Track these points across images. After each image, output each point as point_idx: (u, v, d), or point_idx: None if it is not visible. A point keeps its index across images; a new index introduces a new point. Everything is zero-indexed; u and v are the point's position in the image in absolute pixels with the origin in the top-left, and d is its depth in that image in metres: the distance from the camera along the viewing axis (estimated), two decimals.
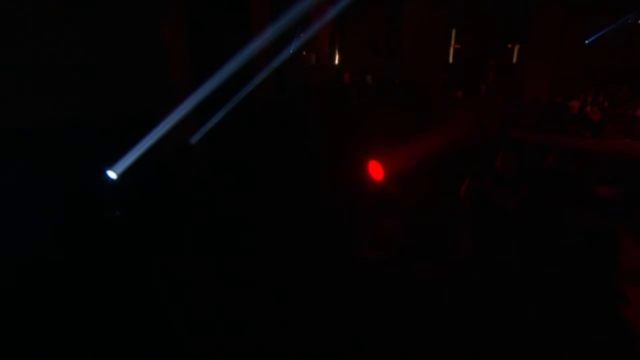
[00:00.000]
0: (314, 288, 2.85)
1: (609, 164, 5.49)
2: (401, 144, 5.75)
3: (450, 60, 11.57)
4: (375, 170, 4.22)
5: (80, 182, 3.39)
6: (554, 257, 2.91)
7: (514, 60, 11.11)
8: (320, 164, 6.33)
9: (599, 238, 3.14)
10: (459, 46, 11.53)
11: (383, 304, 2.69)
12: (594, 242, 3.09)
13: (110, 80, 4.21)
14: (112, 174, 3.42)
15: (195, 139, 5.59)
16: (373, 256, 3.39)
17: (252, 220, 3.82)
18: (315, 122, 10.46)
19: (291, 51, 9.27)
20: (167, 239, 3.35)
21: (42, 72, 3.50)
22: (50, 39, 3.53)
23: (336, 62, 11.84)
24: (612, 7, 9.91)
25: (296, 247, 3.29)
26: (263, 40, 7.91)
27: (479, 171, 3.09)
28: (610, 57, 10.10)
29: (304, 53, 10.31)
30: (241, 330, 2.44)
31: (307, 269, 3.07)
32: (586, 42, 10.43)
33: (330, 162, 6.16)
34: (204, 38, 6.42)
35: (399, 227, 3.83)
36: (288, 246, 3.31)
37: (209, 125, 6.07)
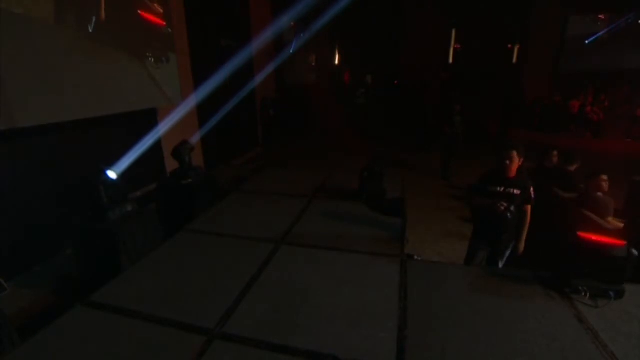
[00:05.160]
0: None
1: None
2: None
3: (451, 60, 11.61)
4: None
5: (81, 182, 3.42)
6: None
7: (514, 60, 11.15)
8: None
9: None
10: (459, 46, 11.57)
11: None
12: None
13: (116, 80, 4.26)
14: (112, 174, 3.43)
15: (195, 138, 5.63)
16: None
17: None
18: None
19: (291, 51, 9.32)
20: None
21: (51, 74, 3.55)
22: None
23: (336, 62, 11.88)
24: (612, 7, 9.93)
25: None
26: (263, 41, 7.97)
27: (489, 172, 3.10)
28: (610, 56, 10.12)
29: (305, 53, 10.36)
30: None
31: None
32: (586, 42, 10.45)
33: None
34: (205, 39, 6.46)
35: None
36: None
37: (210, 124, 6.12)
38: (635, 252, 2.08)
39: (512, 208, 2.94)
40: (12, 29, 3.20)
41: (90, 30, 3.93)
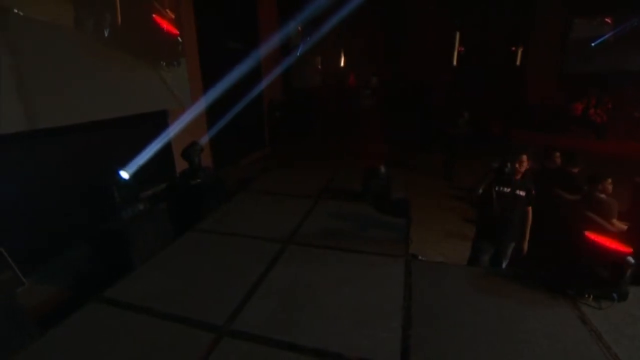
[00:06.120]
0: None
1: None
2: None
3: (455, 62, 11.61)
4: None
5: (96, 182, 3.52)
6: None
7: (518, 62, 11.12)
8: None
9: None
10: (463, 49, 11.56)
11: None
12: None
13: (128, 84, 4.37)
14: (124, 174, 3.52)
15: (204, 139, 5.71)
16: None
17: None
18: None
19: (298, 54, 9.39)
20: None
21: (70, 78, 3.67)
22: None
23: (342, 64, 11.94)
24: (615, 10, 9.86)
25: None
26: (270, 44, 8.05)
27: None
28: (614, 59, 10.03)
29: (311, 55, 10.44)
30: None
31: None
32: (592, 44, 10.38)
33: None
34: (213, 42, 6.55)
35: None
36: None
37: (218, 126, 6.21)
38: (631, 259, 2.10)
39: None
40: (37, 35, 3.36)
41: (106, 36, 4.05)
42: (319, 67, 11.57)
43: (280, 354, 1.84)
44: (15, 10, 3.17)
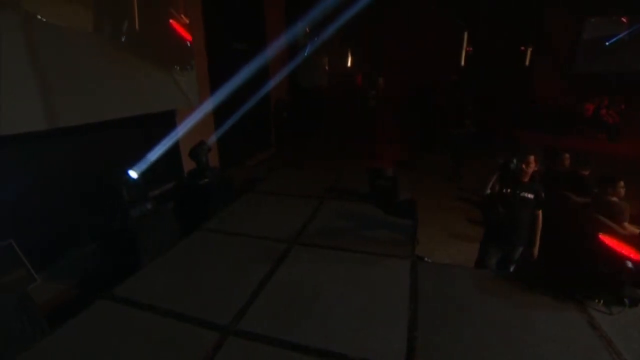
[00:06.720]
0: None
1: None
2: None
3: (463, 62, 11.52)
4: None
5: (105, 181, 3.57)
6: None
7: (527, 62, 11.00)
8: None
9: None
10: (471, 49, 11.46)
11: None
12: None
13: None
14: (133, 174, 3.56)
15: (211, 139, 5.75)
16: None
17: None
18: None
19: (305, 54, 9.41)
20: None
21: (89, 80, 3.75)
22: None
23: (349, 64, 11.94)
24: (623, 10, 9.69)
25: None
26: (277, 44, 8.08)
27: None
28: (625, 59, 9.84)
29: (317, 56, 10.46)
30: None
31: None
32: (607, 43, 10.21)
33: None
34: (221, 43, 6.61)
35: None
36: None
37: (226, 126, 6.25)
38: (630, 263, 2.06)
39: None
40: (57, 38, 3.44)
41: (123, 40, 4.16)
42: (326, 67, 11.57)
43: (284, 353, 1.84)
44: (39, 16, 3.25)
